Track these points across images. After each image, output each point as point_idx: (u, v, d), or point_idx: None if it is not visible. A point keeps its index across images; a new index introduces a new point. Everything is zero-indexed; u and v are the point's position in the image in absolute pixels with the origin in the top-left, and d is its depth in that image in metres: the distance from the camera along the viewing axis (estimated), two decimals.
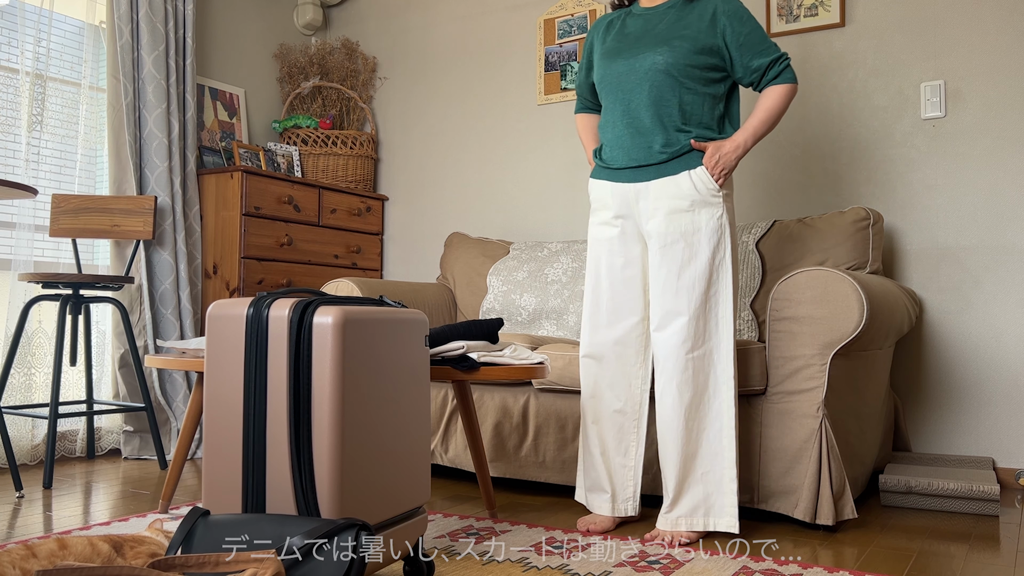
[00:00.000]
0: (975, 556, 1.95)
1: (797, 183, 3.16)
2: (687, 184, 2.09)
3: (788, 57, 2.14)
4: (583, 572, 1.79)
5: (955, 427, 2.86)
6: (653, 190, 2.12)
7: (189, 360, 2.19)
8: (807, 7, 3.14)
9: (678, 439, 2.08)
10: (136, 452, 3.25)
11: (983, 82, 2.87)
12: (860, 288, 2.12)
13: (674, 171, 2.11)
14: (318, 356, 1.45)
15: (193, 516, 1.42)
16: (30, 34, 3.07)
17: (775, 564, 1.86)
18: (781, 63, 2.13)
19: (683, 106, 2.12)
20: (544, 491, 2.68)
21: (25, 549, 1.39)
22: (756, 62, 2.13)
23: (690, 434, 2.08)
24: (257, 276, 3.43)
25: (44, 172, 3.17)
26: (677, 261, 2.09)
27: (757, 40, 2.13)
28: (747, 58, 2.13)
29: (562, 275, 3.19)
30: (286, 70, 4.09)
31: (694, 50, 2.11)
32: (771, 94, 2.13)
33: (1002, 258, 2.82)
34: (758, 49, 2.12)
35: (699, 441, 2.08)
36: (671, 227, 2.09)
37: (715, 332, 2.09)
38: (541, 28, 3.71)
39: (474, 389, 2.74)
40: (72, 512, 2.35)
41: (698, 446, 2.08)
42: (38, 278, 2.73)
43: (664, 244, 2.10)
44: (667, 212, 2.10)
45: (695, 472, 2.09)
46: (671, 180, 2.10)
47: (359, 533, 1.35)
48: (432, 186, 4.00)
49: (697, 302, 2.07)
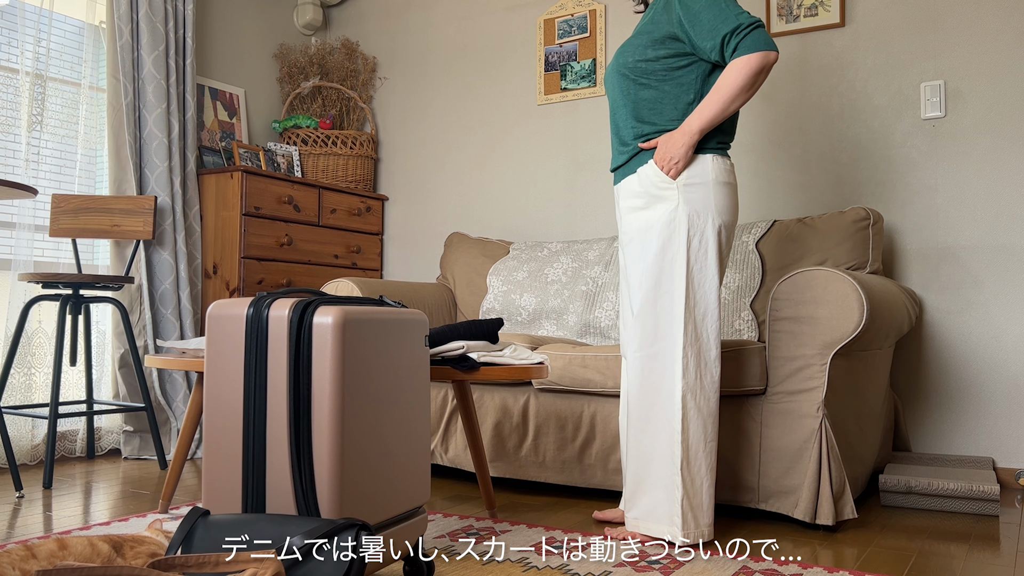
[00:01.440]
0: (975, 556, 1.95)
1: (797, 183, 3.16)
2: (640, 181, 2.07)
3: (751, 25, 1.94)
4: (583, 572, 1.79)
5: (955, 427, 2.86)
6: (621, 191, 2.15)
7: (189, 360, 2.19)
8: (807, 7, 3.14)
9: (628, 440, 2.07)
10: (136, 452, 3.25)
11: (983, 82, 2.87)
12: (860, 288, 2.12)
13: (632, 169, 2.11)
14: (318, 356, 1.45)
15: (193, 516, 1.42)
16: (30, 34, 3.07)
17: (775, 564, 1.86)
18: (738, 34, 1.94)
19: (640, 105, 2.09)
20: (544, 491, 2.68)
21: (25, 549, 1.39)
22: (709, 43, 1.98)
23: (642, 436, 2.03)
24: (257, 276, 3.42)
25: (44, 172, 3.17)
26: (631, 258, 2.08)
27: (710, 17, 1.97)
28: (701, 39, 1.99)
29: (562, 275, 3.19)
30: (286, 70, 4.09)
31: (650, 44, 2.06)
32: (727, 69, 1.97)
33: (1002, 258, 2.82)
34: (710, 27, 1.97)
35: (653, 445, 2.02)
36: (630, 226, 2.10)
37: (667, 332, 2.00)
38: (541, 28, 3.71)
39: (474, 389, 2.74)
40: (72, 512, 2.35)
41: (653, 450, 2.03)
42: (38, 278, 2.73)
43: (624, 243, 2.12)
44: (627, 211, 2.11)
45: (651, 476, 2.03)
46: (631, 179, 2.11)
47: (359, 533, 1.35)
48: (432, 186, 4.00)
49: (644, 300, 2.03)
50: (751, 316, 2.75)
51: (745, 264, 2.81)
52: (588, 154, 3.59)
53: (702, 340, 2.00)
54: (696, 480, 2.00)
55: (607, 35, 3.57)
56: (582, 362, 2.48)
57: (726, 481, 2.28)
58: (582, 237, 3.57)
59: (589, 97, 3.59)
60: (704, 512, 2.01)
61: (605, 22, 3.57)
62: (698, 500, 2.00)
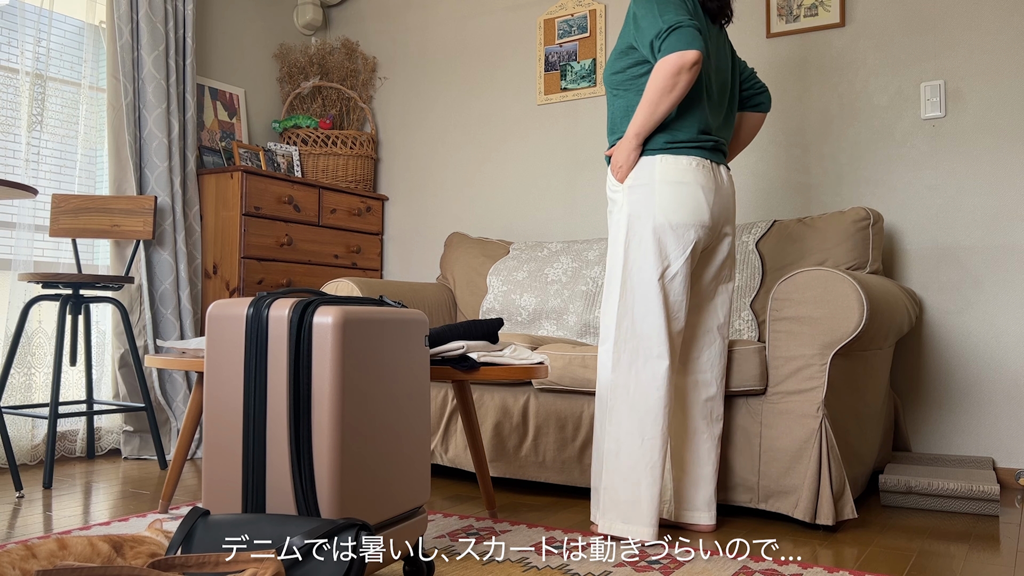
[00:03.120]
0: (975, 556, 1.95)
1: (797, 183, 3.16)
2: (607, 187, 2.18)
3: (671, 27, 1.93)
4: (583, 572, 1.79)
5: (955, 427, 2.86)
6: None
7: (189, 360, 2.19)
8: (807, 7, 3.14)
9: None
10: (136, 452, 3.25)
11: (983, 82, 2.87)
12: (860, 288, 2.12)
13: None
14: (318, 356, 1.45)
15: (193, 516, 1.42)
16: (30, 34, 3.07)
17: (775, 564, 1.86)
18: (660, 37, 1.94)
19: (615, 114, 2.16)
20: (544, 491, 2.68)
21: (25, 549, 1.39)
22: (647, 49, 2.00)
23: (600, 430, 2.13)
24: (257, 276, 3.43)
25: (44, 172, 3.17)
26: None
27: (646, 24, 1.98)
28: (643, 46, 2.01)
29: (562, 275, 3.19)
30: (286, 70, 4.09)
31: (618, 55, 2.14)
32: (651, 73, 2.00)
33: (1002, 258, 2.82)
34: (645, 33, 1.98)
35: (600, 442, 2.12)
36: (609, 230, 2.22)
37: (608, 330, 2.11)
38: (541, 28, 3.71)
39: (474, 389, 2.74)
40: (72, 512, 2.35)
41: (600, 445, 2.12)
42: (38, 278, 2.73)
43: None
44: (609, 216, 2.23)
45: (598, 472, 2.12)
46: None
47: (359, 533, 1.35)
48: (432, 186, 4.00)
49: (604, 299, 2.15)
50: (751, 316, 2.75)
51: (745, 264, 2.81)
52: (588, 154, 3.59)
53: (641, 337, 2.03)
54: (625, 475, 2.01)
55: (607, 35, 3.57)
56: (582, 362, 2.48)
57: (726, 481, 2.28)
58: (582, 237, 3.57)
59: (589, 97, 3.59)
60: (643, 512, 2.00)
61: (605, 22, 3.57)
62: (628, 496, 2.01)
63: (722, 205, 2.10)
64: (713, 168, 2.10)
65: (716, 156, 2.12)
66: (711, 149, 2.10)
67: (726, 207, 2.13)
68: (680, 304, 2.04)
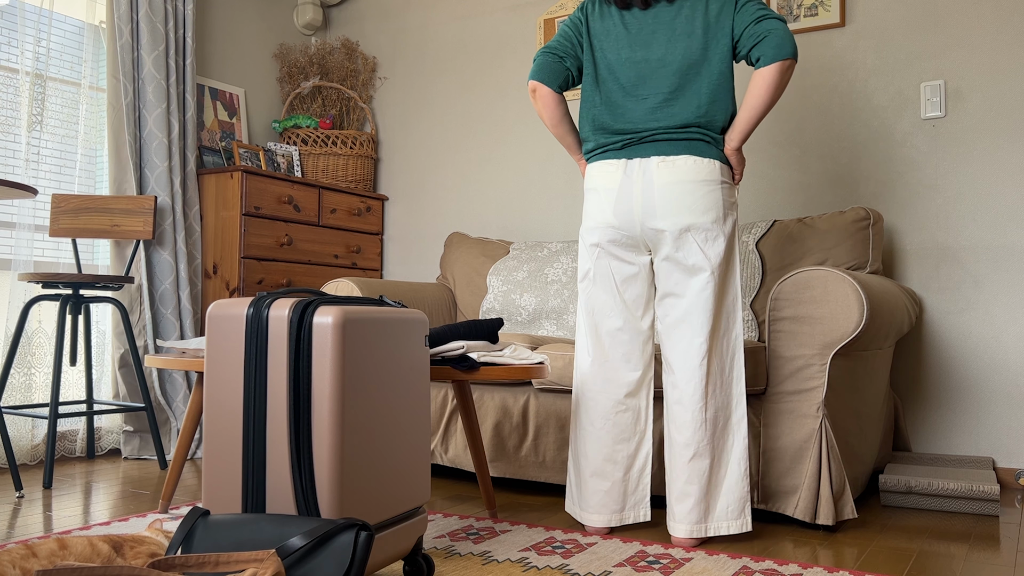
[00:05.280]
0: (975, 556, 1.95)
1: (797, 183, 3.16)
2: None
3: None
4: (583, 572, 1.79)
5: (955, 427, 2.86)
6: None
7: (189, 360, 2.19)
8: (807, 7, 3.14)
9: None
10: (136, 452, 3.25)
11: (983, 82, 2.87)
12: (860, 288, 2.12)
13: None
14: (318, 356, 1.45)
15: (193, 516, 1.42)
16: (30, 34, 3.07)
17: (775, 564, 1.86)
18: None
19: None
20: (544, 491, 2.68)
21: (25, 549, 1.39)
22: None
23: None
24: (257, 276, 3.43)
25: (44, 172, 3.17)
26: None
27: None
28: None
29: (562, 275, 3.19)
30: (286, 70, 4.09)
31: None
32: None
33: (1002, 258, 2.82)
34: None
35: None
36: None
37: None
38: (541, 28, 3.71)
39: (474, 389, 2.74)
40: (72, 512, 2.35)
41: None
42: (38, 278, 2.73)
43: None
44: None
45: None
46: None
47: (359, 533, 1.35)
48: (432, 186, 4.00)
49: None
50: (751, 316, 2.75)
51: (745, 264, 2.82)
52: None
53: (602, 338, 2.14)
54: (577, 463, 2.18)
55: None
56: None
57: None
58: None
59: None
60: (582, 496, 2.15)
61: None
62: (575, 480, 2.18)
63: (640, 200, 2.02)
64: (627, 165, 2.05)
65: (639, 151, 2.05)
66: (626, 146, 2.07)
67: (647, 201, 2.02)
68: (603, 304, 2.14)
